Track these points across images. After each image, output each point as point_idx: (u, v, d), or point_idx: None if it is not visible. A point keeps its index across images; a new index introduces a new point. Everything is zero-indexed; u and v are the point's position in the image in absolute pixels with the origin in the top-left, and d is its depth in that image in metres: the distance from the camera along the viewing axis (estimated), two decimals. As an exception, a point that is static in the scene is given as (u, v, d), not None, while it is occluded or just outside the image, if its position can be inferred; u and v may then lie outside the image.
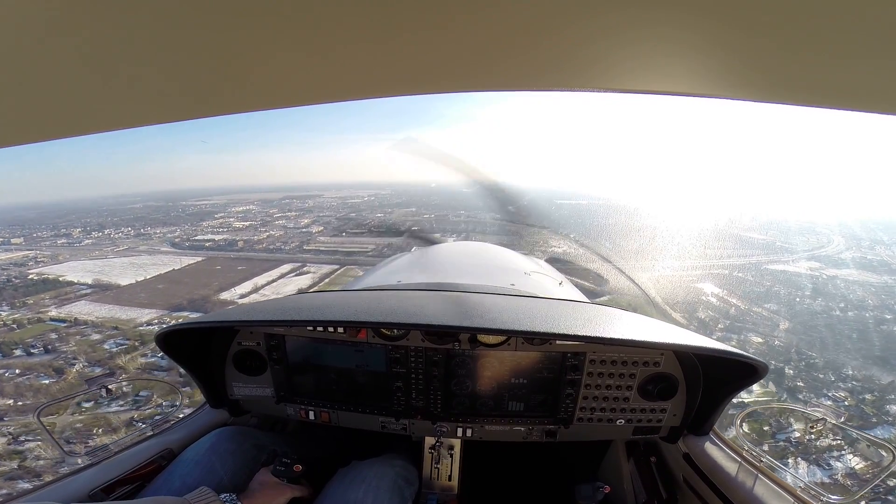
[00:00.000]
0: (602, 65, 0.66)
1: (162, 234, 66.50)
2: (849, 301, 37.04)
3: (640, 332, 1.41)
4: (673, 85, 0.68)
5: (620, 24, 0.54)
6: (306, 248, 51.07)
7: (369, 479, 1.53)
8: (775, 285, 42.17)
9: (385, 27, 0.55)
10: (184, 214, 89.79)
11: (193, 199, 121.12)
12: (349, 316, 1.46)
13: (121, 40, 0.54)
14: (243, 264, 44.06)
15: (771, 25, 0.50)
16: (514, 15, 0.54)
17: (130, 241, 63.70)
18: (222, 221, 74.25)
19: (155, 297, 35.02)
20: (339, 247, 51.82)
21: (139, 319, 29.36)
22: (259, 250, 51.21)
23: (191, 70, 0.64)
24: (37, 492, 1.28)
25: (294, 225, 67.22)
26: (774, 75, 0.61)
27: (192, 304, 31.89)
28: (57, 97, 0.67)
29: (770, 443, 15.56)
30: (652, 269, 44.62)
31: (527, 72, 0.70)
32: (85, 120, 0.75)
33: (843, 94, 0.61)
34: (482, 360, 1.69)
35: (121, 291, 36.81)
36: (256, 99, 0.77)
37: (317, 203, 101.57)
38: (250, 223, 70.38)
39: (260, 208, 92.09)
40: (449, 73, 0.70)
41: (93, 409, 17.32)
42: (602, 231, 67.60)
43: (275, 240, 56.77)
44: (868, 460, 14.13)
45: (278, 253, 49.55)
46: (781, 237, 77.90)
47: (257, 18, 0.52)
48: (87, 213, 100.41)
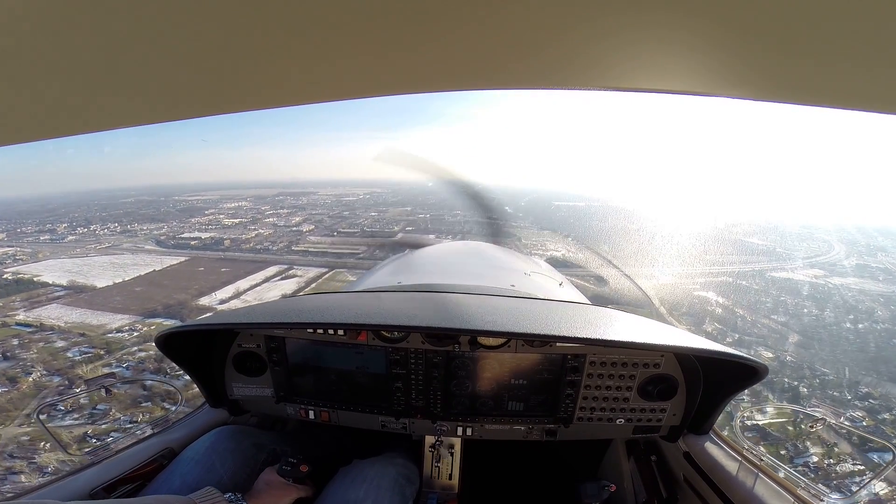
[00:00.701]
0: (601, 63, 0.66)
1: (148, 230, 64.77)
2: (858, 312, 35.63)
3: (641, 335, 1.42)
4: (672, 84, 0.68)
5: (620, 22, 0.54)
6: (295, 249, 49.40)
7: (370, 478, 1.53)
8: (781, 294, 40.78)
9: (384, 26, 0.56)
10: (174, 210, 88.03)
11: (186, 194, 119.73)
12: (350, 318, 1.46)
13: (120, 40, 0.54)
14: (227, 265, 42.34)
15: (771, 25, 0.50)
16: (513, 14, 0.54)
17: (115, 237, 62.15)
18: (212, 218, 72.44)
19: (130, 301, 33.48)
20: (329, 248, 50.29)
21: (109, 326, 27.91)
22: (246, 250, 49.63)
23: (190, 70, 0.65)
24: (38, 490, 1.29)
25: (285, 223, 65.59)
26: (774, 74, 0.61)
27: (167, 309, 30.36)
28: (57, 97, 0.68)
29: (789, 467, 14.40)
30: (653, 276, 43.29)
31: (526, 70, 0.70)
32: (85, 120, 0.77)
33: (844, 93, 0.61)
34: (482, 361, 1.70)
35: (96, 294, 35.37)
36: (255, 98, 0.79)
37: (311, 200, 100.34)
38: (240, 220, 68.67)
39: (252, 205, 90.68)
40: (448, 71, 0.71)
41: (47, 421, 16.07)
42: (600, 234, 66.75)
43: (263, 239, 55.13)
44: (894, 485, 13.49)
45: (265, 253, 47.97)
46: (782, 243, 76.97)
47: (256, 18, 0.53)
48: (77, 207, 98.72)
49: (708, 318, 33.17)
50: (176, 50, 0.58)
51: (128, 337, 26.32)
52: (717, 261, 56.78)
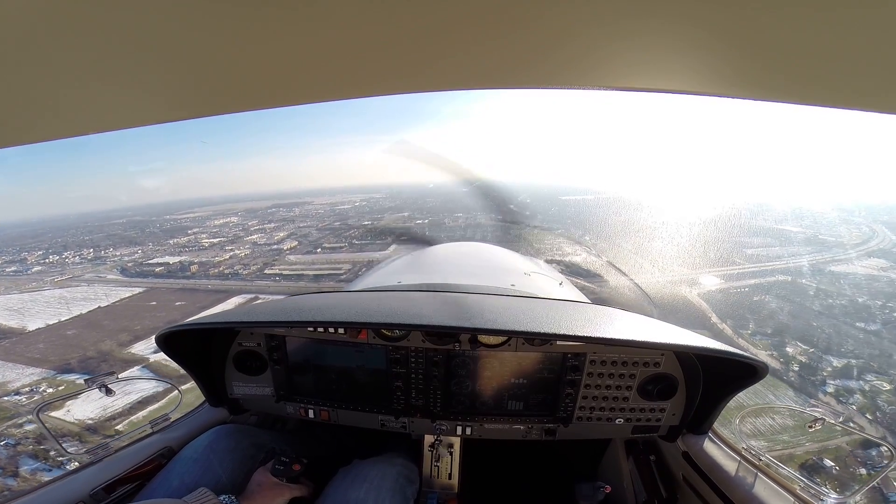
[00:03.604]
0: (601, 63, 0.67)
1: (120, 256, 59.55)
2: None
3: (641, 333, 1.42)
4: (672, 83, 0.69)
5: (620, 22, 0.54)
6: (267, 273, 43.46)
7: (371, 479, 1.52)
8: (857, 294, 33.11)
9: (383, 25, 0.56)
10: (158, 231, 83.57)
11: (180, 211, 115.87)
12: (350, 317, 1.46)
13: (118, 40, 0.55)
14: (184, 298, 36.55)
15: (772, 24, 0.50)
16: (513, 13, 0.54)
17: (83, 266, 56.95)
18: (191, 238, 67.17)
19: (52, 350, 28.69)
20: (306, 269, 44.09)
21: (11, 385, 23.27)
22: (213, 276, 44.27)
23: (189, 70, 0.65)
24: (38, 490, 1.28)
25: (266, 240, 59.49)
26: (774, 74, 0.62)
27: (83, 364, 25.30)
28: (57, 97, 0.68)
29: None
30: (696, 281, 36.05)
31: (526, 70, 0.70)
32: (85, 120, 0.77)
33: (844, 93, 0.61)
34: (482, 360, 1.70)
35: (20, 340, 31.00)
36: (253, 98, 0.78)
37: (303, 211, 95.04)
38: (219, 240, 63.04)
39: (241, 220, 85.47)
40: (449, 71, 0.70)
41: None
42: (617, 228, 59.61)
43: (237, 261, 49.45)
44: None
45: (234, 279, 42.55)
46: (821, 228, 69.03)
47: (254, 18, 0.53)
48: (65, 231, 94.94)
49: (787, 339, 25.59)
50: (175, 50, 0.58)
51: (25, 402, 21.95)
52: (761, 255, 49.44)
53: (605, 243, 68.47)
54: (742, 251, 51.11)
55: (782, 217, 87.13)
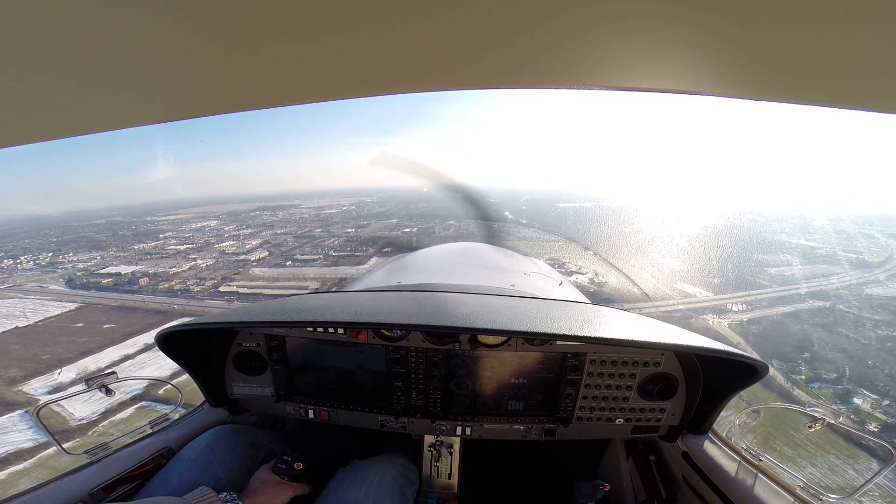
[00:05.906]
0: (601, 63, 0.67)
1: (74, 263, 53.91)
2: None
3: (641, 333, 1.42)
4: (672, 83, 0.68)
5: (620, 22, 0.54)
6: (222, 290, 38.06)
7: (370, 479, 1.53)
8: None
9: (381, 24, 0.56)
10: (129, 234, 78.07)
11: (161, 213, 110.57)
12: (350, 317, 1.46)
13: (118, 40, 0.55)
14: (118, 319, 31.37)
15: (771, 24, 0.50)
16: (513, 13, 0.54)
17: (32, 272, 51.37)
18: (158, 244, 61.69)
19: None
20: (267, 285, 38.77)
21: None
22: (161, 291, 39.32)
23: (187, 70, 0.65)
24: (38, 490, 1.28)
25: (236, 249, 54.32)
26: (774, 74, 0.62)
27: None
28: (57, 97, 0.68)
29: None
30: (724, 310, 30.90)
31: (526, 70, 0.70)
32: (85, 120, 0.77)
33: (844, 93, 0.61)
34: (482, 360, 1.70)
35: None
36: (253, 98, 0.78)
37: (287, 215, 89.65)
38: (186, 247, 57.56)
39: (220, 223, 79.98)
40: (449, 70, 0.70)
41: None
42: (618, 240, 54.57)
43: (195, 273, 44.29)
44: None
45: (183, 296, 37.50)
46: (840, 242, 64.26)
47: (252, 18, 0.53)
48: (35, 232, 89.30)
49: (850, 384, 20.28)
50: (173, 50, 0.58)
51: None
52: (786, 276, 44.44)
53: (607, 253, 63.95)
54: (764, 270, 46.19)
55: (793, 231, 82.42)
